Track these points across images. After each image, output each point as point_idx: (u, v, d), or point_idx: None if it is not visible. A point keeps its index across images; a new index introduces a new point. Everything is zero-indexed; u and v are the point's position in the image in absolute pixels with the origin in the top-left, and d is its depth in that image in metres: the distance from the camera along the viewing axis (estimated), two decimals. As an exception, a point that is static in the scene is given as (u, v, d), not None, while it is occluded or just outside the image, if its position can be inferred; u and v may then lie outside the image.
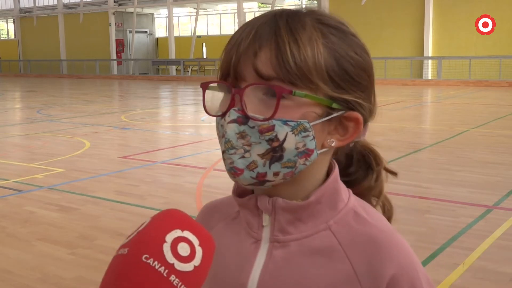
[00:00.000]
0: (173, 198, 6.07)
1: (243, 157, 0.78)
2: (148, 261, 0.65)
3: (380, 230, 0.82)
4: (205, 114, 0.85)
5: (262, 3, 31.86)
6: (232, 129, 0.77)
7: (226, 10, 34.70)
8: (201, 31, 34.23)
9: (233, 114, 0.77)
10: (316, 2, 27.75)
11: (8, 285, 3.90)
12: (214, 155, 8.44)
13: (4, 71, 39.01)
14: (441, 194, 5.86)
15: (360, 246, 0.80)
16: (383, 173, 0.93)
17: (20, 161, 8.34)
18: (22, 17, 39.87)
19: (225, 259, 0.88)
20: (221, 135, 0.80)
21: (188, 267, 0.67)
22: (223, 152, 0.80)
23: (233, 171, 0.80)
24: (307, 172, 0.81)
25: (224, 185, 6.59)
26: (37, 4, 38.74)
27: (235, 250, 0.87)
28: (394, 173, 0.94)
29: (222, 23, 34.83)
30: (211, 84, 0.82)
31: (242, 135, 0.77)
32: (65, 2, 37.32)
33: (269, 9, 28.73)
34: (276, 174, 0.78)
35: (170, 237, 0.68)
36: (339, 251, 0.81)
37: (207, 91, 0.82)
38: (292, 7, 0.83)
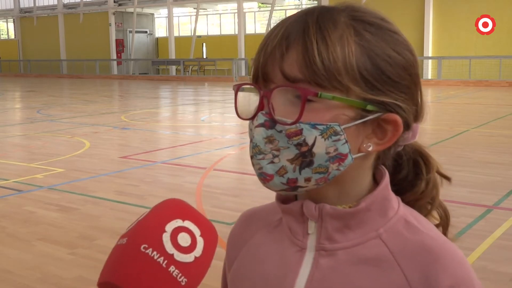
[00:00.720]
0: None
1: (272, 162, 0.75)
2: (147, 251, 0.64)
3: (433, 238, 0.77)
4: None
5: (262, 3, 31.82)
6: (259, 134, 0.74)
7: (226, 10, 34.68)
8: (201, 31, 34.21)
9: (260, 118, 0.74)
10: (316, 2, 27.73)
11: (8, 285, 3.90)
12: (214, 155, 8.44)
13: (4, 71, 38.99)
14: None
15: (412, 255, 0.76)
16: (438, 177, 0.87)
17: (20, 161, 8.33)
18: (22, 17, 39.86)
19: (266, 268, 0.84)
20: (250, 139, 0.77)
21: (188, 258, 0.65)
22: (251, 157, 0.77)
23: (262, 177, 0.76)
24: (348, 176, 0.77)
25: (224, 185, 6.59)
26: (37, 4, 38.72)
27: (277, 259, 0.83)
28: (448, 178, 0.88)
29: (222, 23, 34.81)
30: (246, 86, 0.79)
31: (270, 140, 0.74)
32: (65, 2, 37.31)
33: (269, 9, 28.72)
34: (307, 180, 0.75)
35: (170, 227, 0.66)
36: (390, 261, 0.76)
37: (239, 94, 0.79)
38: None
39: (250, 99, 0.78)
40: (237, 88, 0.79)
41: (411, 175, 0.86)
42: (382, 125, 0.76)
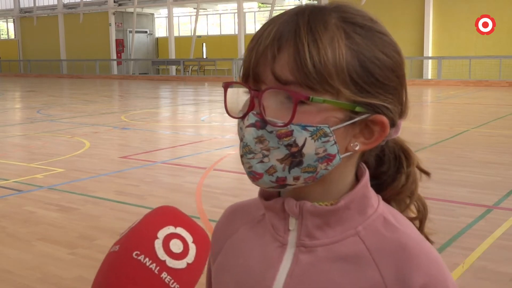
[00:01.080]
0: (173, 198, 6.07)
1: (261, 161, 0.76)
2: (139, 257, 0.64)
3: (410, 237, 0.79)
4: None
5: (262, 3, 31.83)
6: (250, 134, 0.75)
7: (226, 10, 34.68)
8: (201, 31, 34.21)
9: (251, 118, 0.75)
10: (316, 1, 27.75)
11: (8, 285, 3.90)
12: (214, 155, 8.44)
13: (4, 71, 39.00)
14: (441, 194, 5.86)
15: (389, 253, 0.77)
16: (417, 172, 0.89)
17: (20, 161, 8.34)
18: (22, 17, 39.87)
19: (248, 263, 0.85)
20: (240, 138, 0.78)
21: (180, 264, 0.65)
22: (241, 156, 0.78)
23: (252, 175, 0.77)
24: (333, 174, 0.79)
25: (224, 185, 6.59)
26: (37, 4, 38.73)
27: (259, 253, 0.85)
28: (427, 173, 0.90)
29: (222, 23, 34.81)
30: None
31: (260, 140, 0.75)
32: (65, 2, 37.31)
33: (269, 9, 28.73)
34: (296, 178, 0.76)
35: (162, 233, 0.66)
36: (367, 258, 0.78)
37: (229, 90, 0.79)
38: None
39: (238, 97, 0.79)
40: (226, 86, 0.79)
41: (392, 169, 0.87)
42: (370, 126, 0.77)
